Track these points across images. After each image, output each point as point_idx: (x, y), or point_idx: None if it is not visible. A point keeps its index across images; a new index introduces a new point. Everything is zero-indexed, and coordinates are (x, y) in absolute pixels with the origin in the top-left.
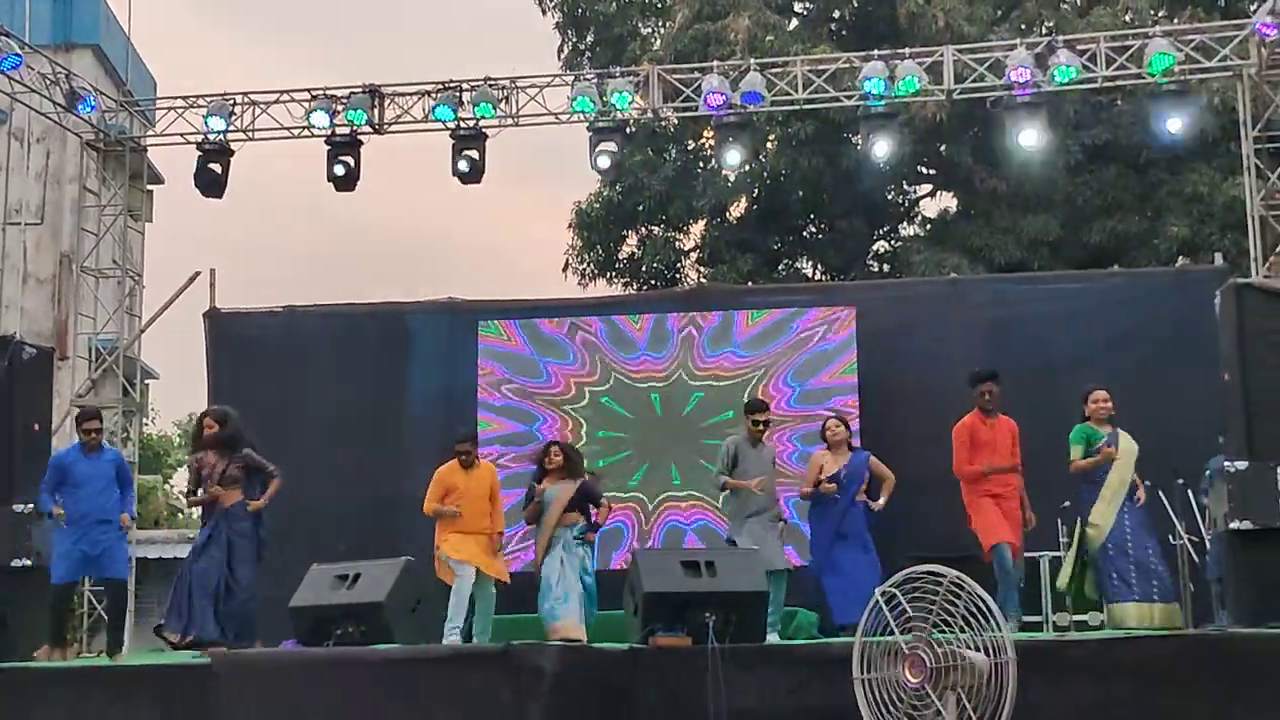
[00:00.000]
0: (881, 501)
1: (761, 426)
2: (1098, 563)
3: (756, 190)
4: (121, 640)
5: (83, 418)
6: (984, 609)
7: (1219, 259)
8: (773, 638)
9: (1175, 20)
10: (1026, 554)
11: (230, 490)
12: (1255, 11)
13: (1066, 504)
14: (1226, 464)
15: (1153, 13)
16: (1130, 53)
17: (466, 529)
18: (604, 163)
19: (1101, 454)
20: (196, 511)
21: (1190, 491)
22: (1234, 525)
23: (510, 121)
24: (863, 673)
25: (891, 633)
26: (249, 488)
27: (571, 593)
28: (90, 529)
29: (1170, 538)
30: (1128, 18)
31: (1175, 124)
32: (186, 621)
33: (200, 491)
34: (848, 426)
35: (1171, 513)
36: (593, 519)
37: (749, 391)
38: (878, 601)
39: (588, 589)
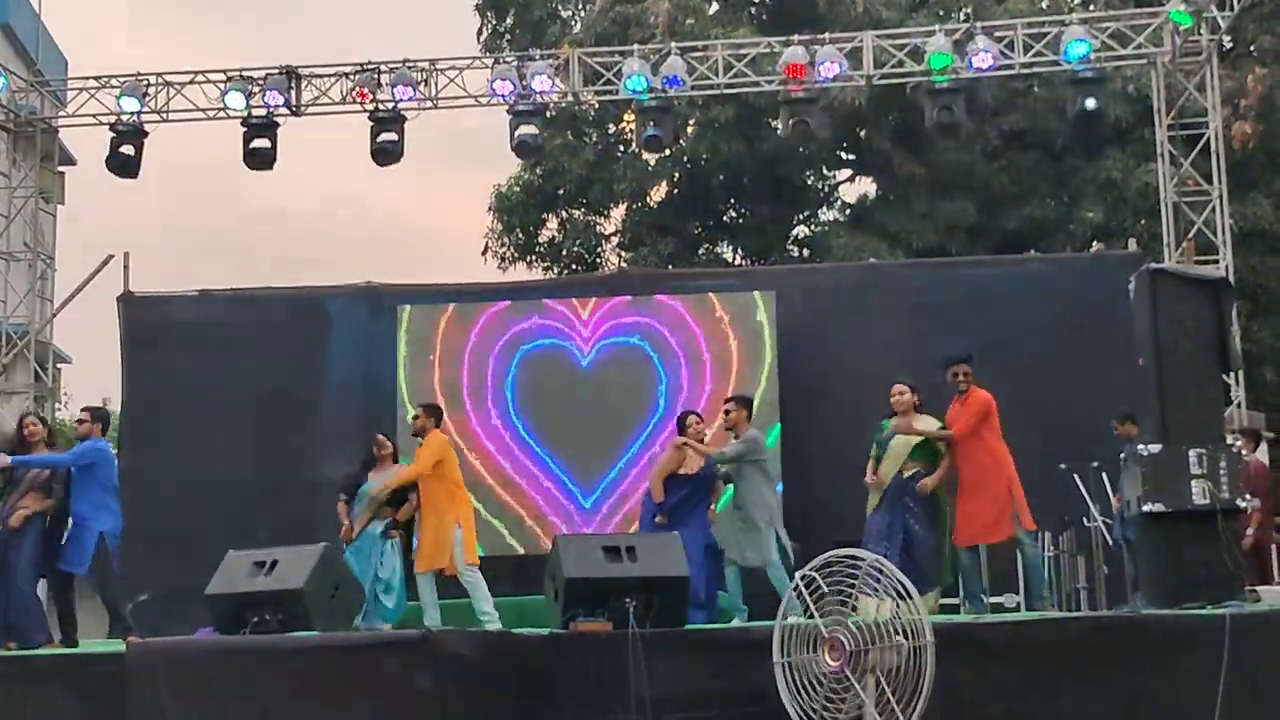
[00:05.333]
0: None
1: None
2: None
3: (677, 174)
4: None
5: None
6: (902, 592)
7: (1133, 244)
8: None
9: (1091, 8)
10: None
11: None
12: (1169, 1)
13: None
14: (1140, 447)
15: (1069, 0)
16: (1047, 40)
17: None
18: (524, 146)
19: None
20: None
21: (1105, 475)
22: (1147, 508)
23: (429, 104)
24: (783, 656)
25: (811, 616)
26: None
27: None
28: None
29: (1084, 519)
30: (1044, 4)
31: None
32: None
33: None
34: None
35: (1086, 495)
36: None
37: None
38: (798, 585)
39: (401, 586)
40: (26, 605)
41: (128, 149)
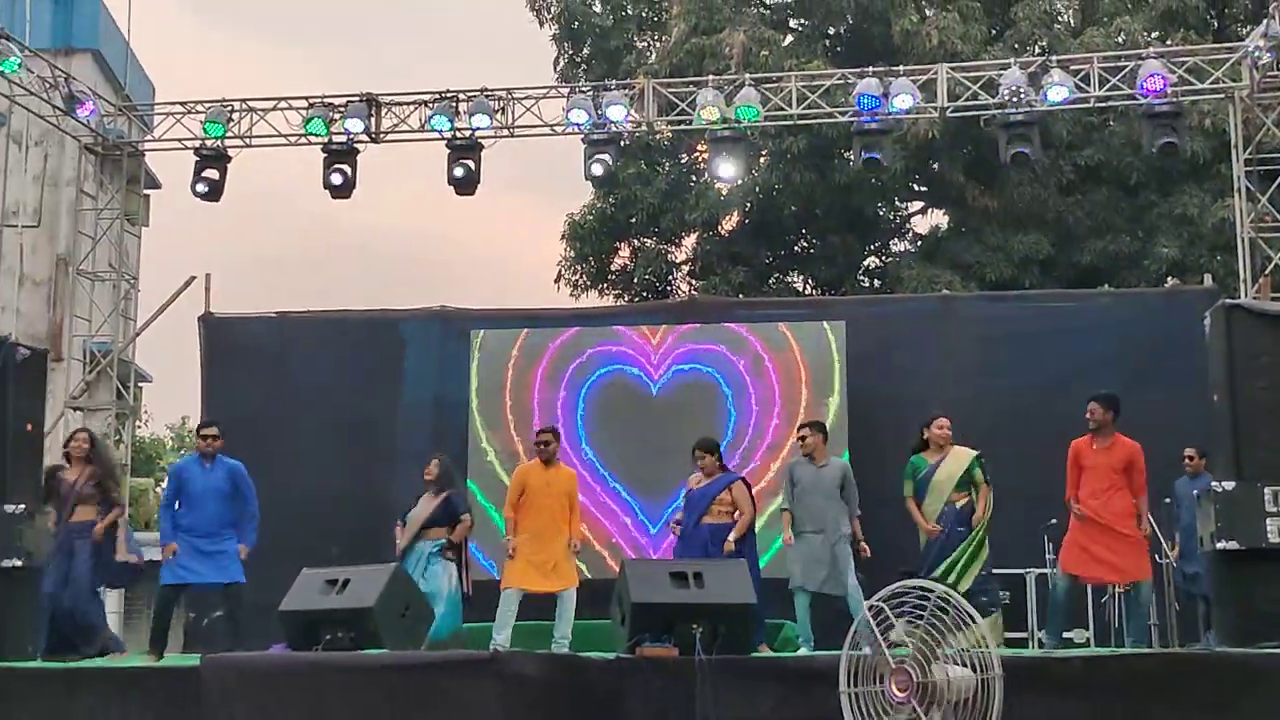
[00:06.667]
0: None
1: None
2: None
3: (749, 204)
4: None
5: (201, 425)
6: (972, 625)
7: (1208, 280)
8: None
9: (1168, 42)
10: (1011, 570)
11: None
12: (1248, 34)
13: (1054, 520)
14: (1214, 485)
15: (1146, 34)
16: (1123, 74)
17: (541, 534)
18: (598, 174)
19: (925, 530)
20: None
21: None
22: (1221, 545)
23: (506, 132)
24: (849, 686)
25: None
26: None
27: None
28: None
29: (1157, 556)
30: (1120, 39)
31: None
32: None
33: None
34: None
35: (1158, 532)
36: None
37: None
38: (865, 616)
39: (449, 601)
40: (90, 614)
41: (211, 173)
